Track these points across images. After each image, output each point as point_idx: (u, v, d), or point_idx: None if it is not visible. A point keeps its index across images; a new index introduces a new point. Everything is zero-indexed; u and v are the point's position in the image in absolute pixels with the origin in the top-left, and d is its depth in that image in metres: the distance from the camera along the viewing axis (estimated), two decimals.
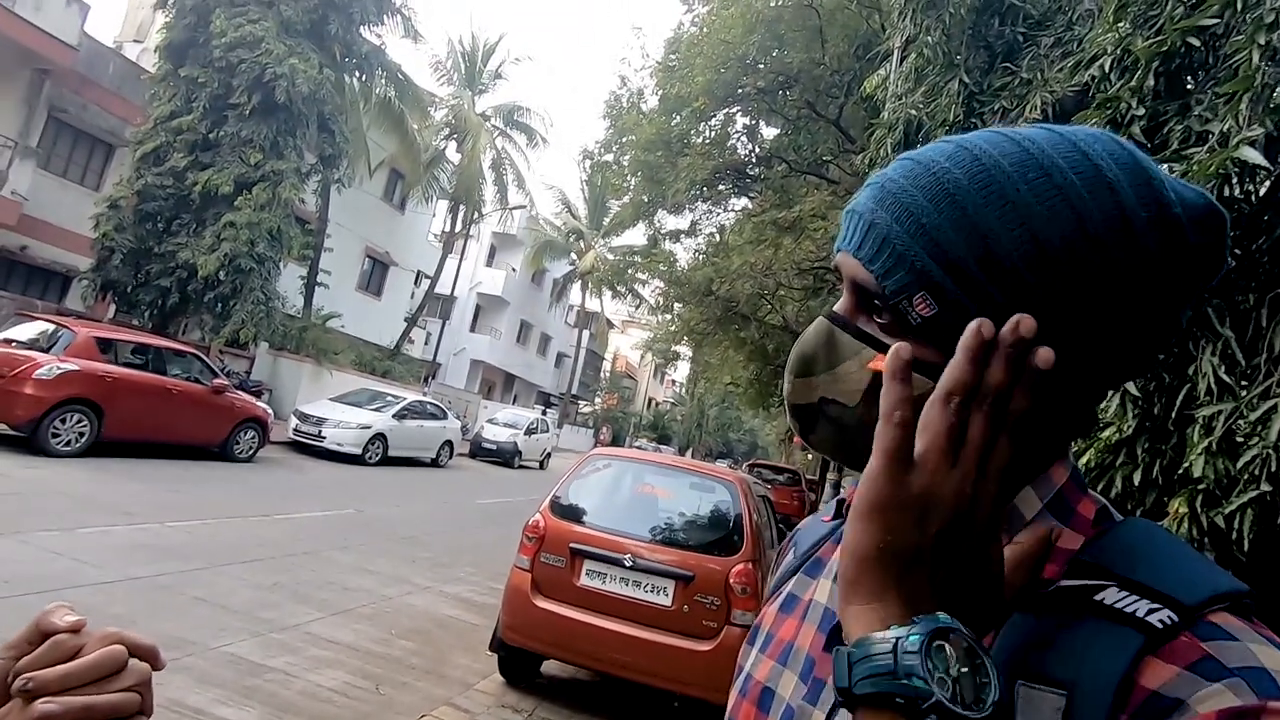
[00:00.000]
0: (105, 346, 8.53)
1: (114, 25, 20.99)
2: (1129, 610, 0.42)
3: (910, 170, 0.49)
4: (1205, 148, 2.50)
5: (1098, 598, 0.44)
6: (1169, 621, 0.41)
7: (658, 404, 57.74)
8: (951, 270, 0.45)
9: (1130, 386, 2.51)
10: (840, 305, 0.54)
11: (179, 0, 13.25)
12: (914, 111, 5.59)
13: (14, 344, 8.00)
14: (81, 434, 7.95)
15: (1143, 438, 2.59)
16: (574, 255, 34.38)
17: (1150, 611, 0.41)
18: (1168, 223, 0.44)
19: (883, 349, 0.47)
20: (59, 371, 7.74)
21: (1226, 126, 2.42)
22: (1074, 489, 0.51)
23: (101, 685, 0.46)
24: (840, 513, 0.64)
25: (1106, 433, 2.62)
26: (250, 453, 10.44)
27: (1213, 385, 2.29)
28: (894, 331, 0.49)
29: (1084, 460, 2.67)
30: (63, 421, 7.76)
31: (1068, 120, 3.60)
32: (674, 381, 62.56)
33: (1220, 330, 2.35)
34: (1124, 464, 2.61)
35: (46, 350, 7.94)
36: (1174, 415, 2.45)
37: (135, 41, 18.95)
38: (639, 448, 26.58)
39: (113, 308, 13.83)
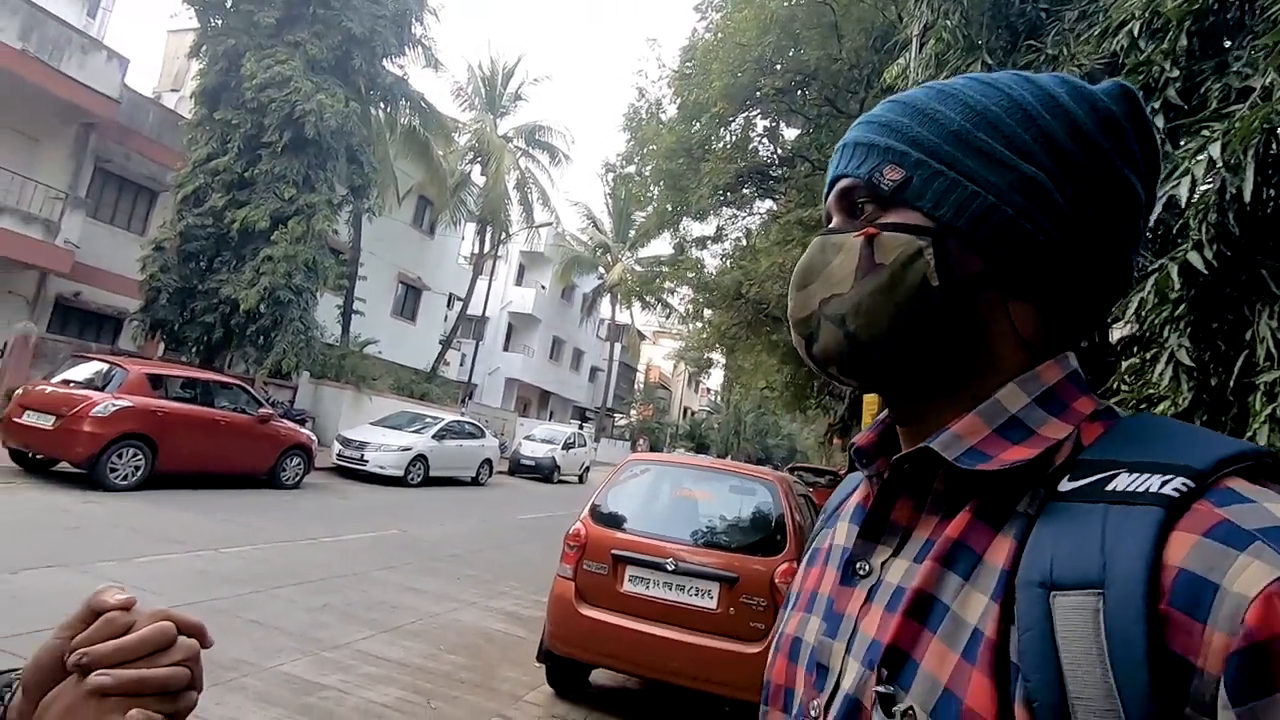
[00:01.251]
0: (156, 382, 8.84)
1: (152, 76, 21.94)
2: (1142, 489, 0.41)
3: (877, 108, 0.59)
4: (1247, 104, 2.40)
5: (1110, 487, 0.43)
6: (1184, 489, 0.40)
7: (693, 413, 57.49)
8: (910, 143, 0.53)
9: (1183, 357, 2.41)
10: (828, 227, 0.59)
11: (211, 47, 13.80)
12: None
13: (71, 384, 8.35)
14: (137, 467, 8.24)
15: (1200, 410, 2.48)
16: (601, 269, 34.59)
17: (1164, 483, 0.41)
18: (1083, 96, 0.53)
19: (862, 227, 0.54)
20: (114, 408, 8.04)
21: (1269, 80, 2.33)
22: (1069, 387, 0.52)
23: (152, 660, 0.47)
24: (853, 465, 0.63)
25: (1161, 406, 2.52)
26: (297, 479, 10.69)
27: (1272, 350, 2.18)
28: (872, 216, 0.54)
29: None
30: (119, 456, 8.05)
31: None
32: (708, 389, 62.27)
33: (1277, 292, 2.24)
34: None
35: (102, 389, 8.26)
36: (1233, 384, 2.34)
37: (172, 90, 19.79)
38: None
39: (162, 345, 14.36)
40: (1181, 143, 2.76)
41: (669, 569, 3.85)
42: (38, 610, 4.04)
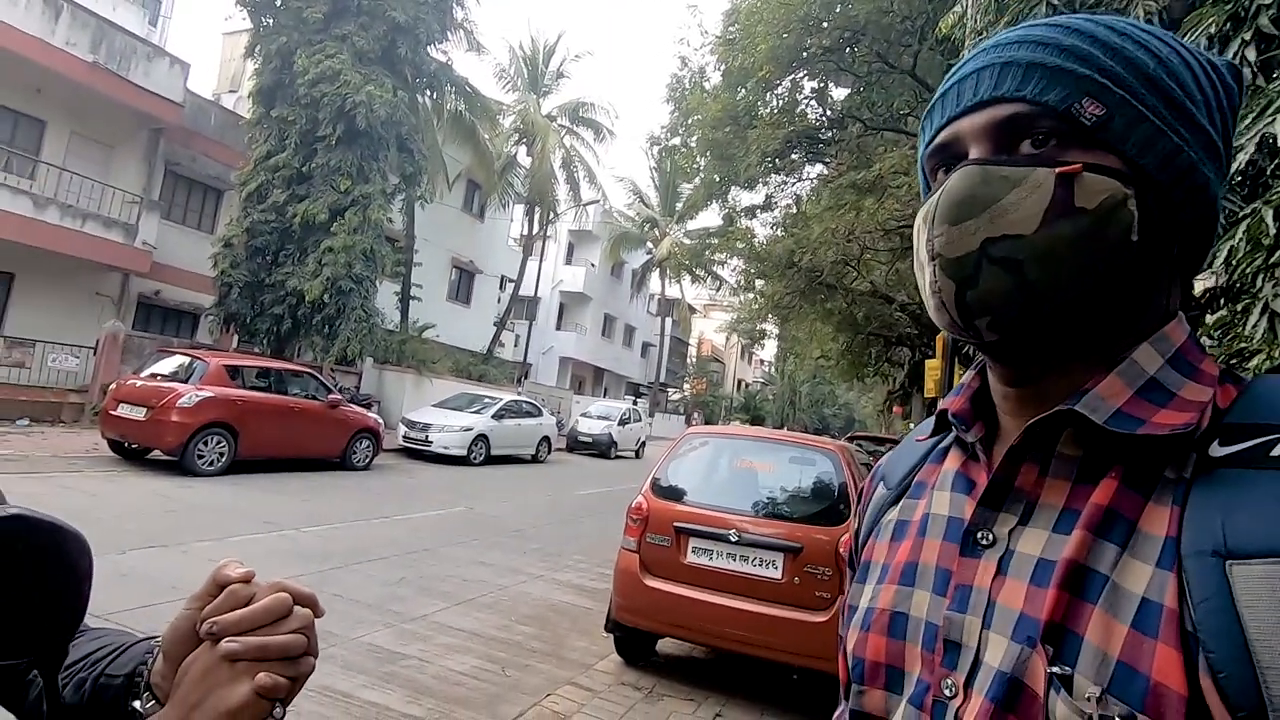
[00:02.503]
0: (234, 373, 9.32)
1: (210, 79, 22.78)
2: None
3: (1025, 27, 0.53)
4: None
5: (1275, 453, 0.41)
6: None
7: (747, 385, 57.08)
8: (1107, 75, 0.48)
9: (1278, 306, 2.25)
10: (975, 156, 0.51)
11: (264, 46, 14.20)
12: None
13: (158, 377, 8.89)
14: (221, 454, 8.74)
15: None
16: (650, 244, 34.44)
17: None
18: (1214, 66, 0.52)
19: (1059, 163, 0.48)
20: (198, 399, 8.54)
21: None
22: (1194, 349, 0.50)
23: (273, 628, 0.52)
24: (941, 426, 0.61)
25: (1255, 361, 2.37)
26: (366, 461, 11.15)
27: None
28: (1053, 153, 0.49)
29: None
30: (205, 444, 8.56)
31: (1178, 26, 3.26)
32: (762, 361, 61.64)
33: None
34: None
35: (185, 381, 8.77)
36: None
37: (231, 92, 20.51)
38: None
39: (236, 338, 15.10)
40: (1275, 75, 2.56)
41: (732, 540, 3.87)
42: (145, 587, 4.37)
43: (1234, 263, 2.51)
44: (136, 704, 0.58)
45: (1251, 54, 2.57)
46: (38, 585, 0.52)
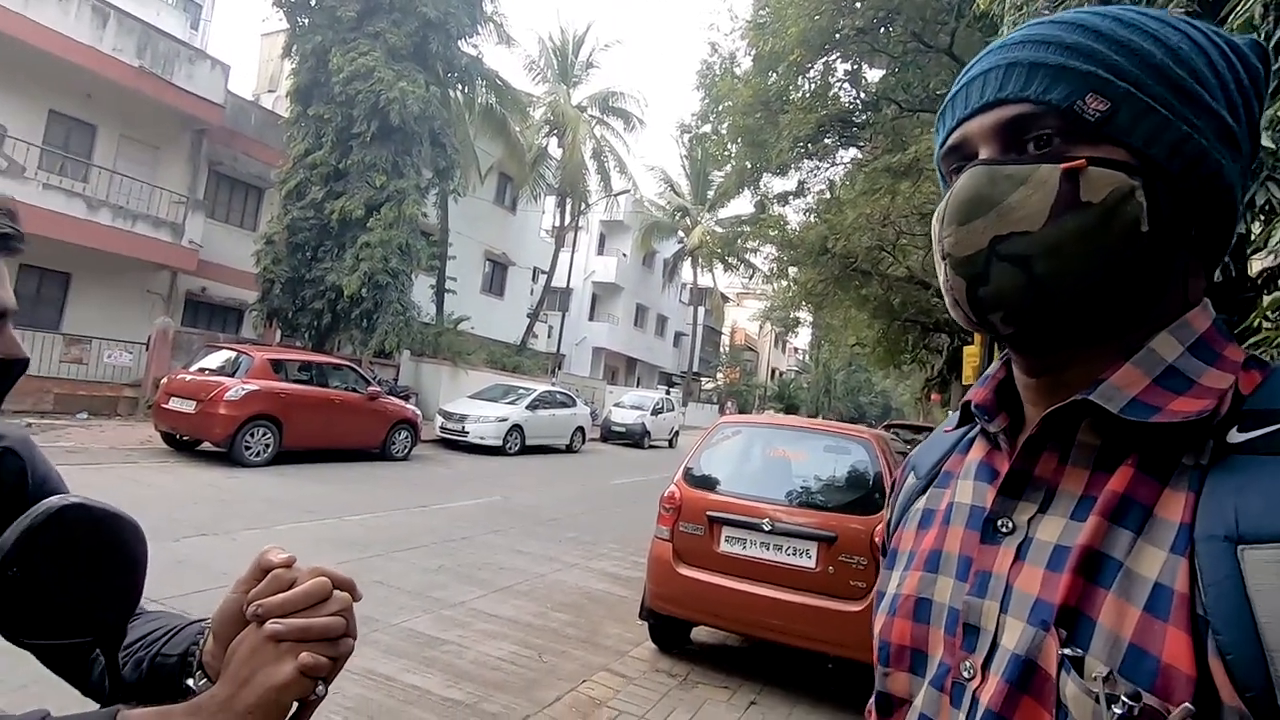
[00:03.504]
0: (277, 367, 9.61)
1: (249, 79, 23.31)
2: None
3: (1029, 26, 0.53)
4: None
5: None
6: None
7: (781, 374, 56.57)
8: (1111, 70, 0.48)
9: None
10: (984, 157, 0.52)
11: (300, 46, 14.48)
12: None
13: (207, 372, 9.21)
14: (267, 445, 9.03)
15: None
16: (681, 233, 34.30)
17: None
18: (1234, 48, 0.51)
19: (1063, 159, 0.48)
20: (244, 392, 8.82)
21: None
22: (1218, 336, 0.50)
23: (314, 610, 0.55)
24: (965, 417, 0.62)
25: None
26: (405, 451, 11.40)
27: None
28: (1059, 150, 0.49)
29: None
30: (252, 435, 8.85)
31: (1224, 4, 3.11)
32: (796, 349, 61.01)
33: None
34: None
35: (232, 375, 9.07)
36: None
37: (269, 91, 21.00)
38: None
39: (279, 332, 15.52)
40: None
41: (766, 529, 3.86)
42: (198, 573, 4.55)
43: None
44: (190, 681, 0.61)
45: None
46: (98, 569, 0.56)
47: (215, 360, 9.54)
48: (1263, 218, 2.79)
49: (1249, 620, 0.38)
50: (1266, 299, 2.89)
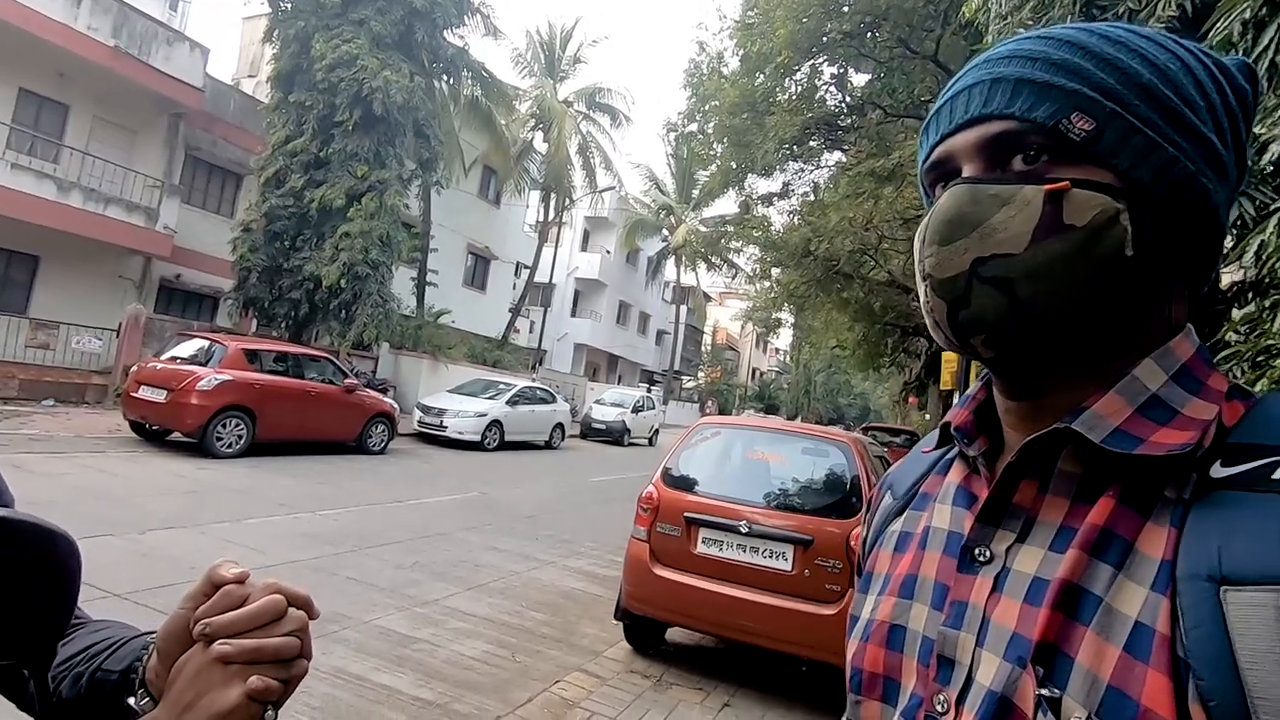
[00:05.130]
0: (252, 357, 9.44)
1: (230, 64, 22.89)
2: None
3: (1016, 41, 0.51)
4: None
5: (1277, 475, 0.40)
6: None
7: (762, 374, 56.89)
8: (1097, 89, 0.47)
9: None
10: (968, 174, 0.51)
11: (283, 31, 14.23)
12: (1023, 30, 5.08)
13: (179, 360, 9.02)
14: (240, 436, 8.87)
15: None
16: (666, 231, 34.29)
17: None
18: (1222, 68, 0.50)
19: (1047, 180, 0.47)
20: (217, 382, 8.65)
21: None
22: (1201, 364, 0.49)
23: (267, 630, 0.52)
24: (945, 438, 0.60)
25: None
26: (382, 445, 11.27)
27: None
28: (1044, 169, 0.48)
29: (1256, 390, 2.37)
30: (224, 426, 8.69)
31: (1210, 12, 3.15)
32: (777, 350, 61.38)
33: None
34: None
35: (205, 364, 8.89)
36: None
37: (250, 76, 20.61)
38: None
39: (255, 322, 15.26)
40: None
41: (742, 531, 3.86)
42: (164, 567, 4.45)
43: (1264, 257, 2.44)
44: (131, 700, 0.58)
45: None
46: (25, 589, 0.52)
47: (188, 349, 9.35)
48: (1234, 231, 2.84)
49: (1231, 665, 0.37)
50: (1237, 313, 2.94)
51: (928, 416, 24.68)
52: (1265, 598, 0.36)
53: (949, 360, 8.19)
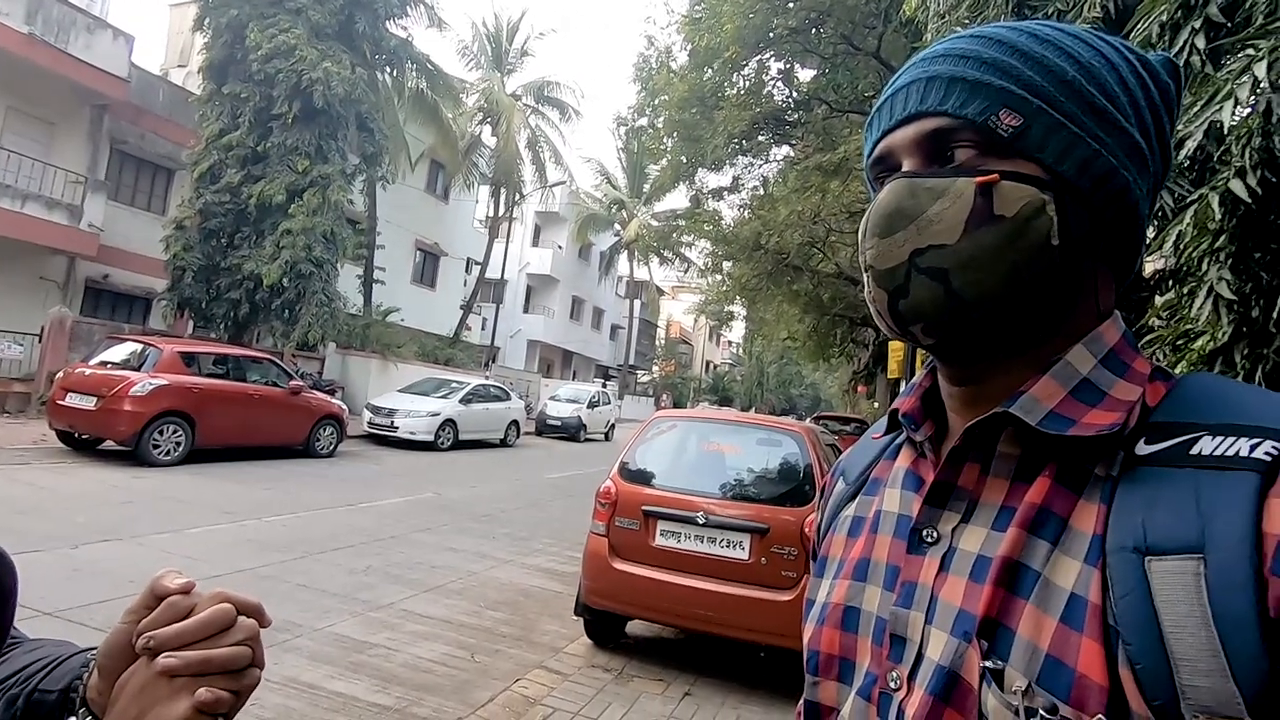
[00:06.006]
0: (189, 360, 9.05)
1: (158, 53, 21.81)
2: (1231, 453, 0.41)
3: (950, 40, 0.54)
4: None
5: (1194, 451, 0.43)
6: (1275, 453, 0.40)
7: (715, 366, 57.48)
8: (1024, 86, 0.49)
9: (1224, 290, 2.33)
10: (907, 169, 0.53)
11: (214, 20, 13.62)
12: (960, 29, 5.25)
13: (109, 365, 8.58)
14: (178, 443, 8.50)
15: (1241, 343, 2.41)
16: (618, 226, 34.26)
17: (1253, 447, 0.41)
18: (1145, 64, 0.53)
19: (978, 173, 0.49)
20: (152, 387, 8.27)
21: None
22: (1127, 348, 0.52)
23: (215, 640, 0.50)
24: (893, 425, 0.62)
25: (1199, 342, 2.46)
26: (331, 448, 10.97)
27: None
28: (976, 163, 0.50)
29: (1176, 371, 2.52)
30: (161, 433, 8.31)
31: (1131, 14, 3.32)
32: (730, 342, 62.09)
33: None
34: (1222, 374, 2.45)
35: (138, 369, 8.48)
36: (1276, 316, 2.27)
37: (179, 67, 19.66)
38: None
39: (191, 323, 14.62)
40: (1224, 63, 2.62)
41: (700, 522, 3.91)
42: (99, 582, 4.24)
43: (1182, 246, 2.59)
44: (73, 719, 0.55)
45: (1201, 42, 2.63)
46: None
47: (119, 353, 8.89)
48: (1156, 222, 3.01)
49: (1156, 630, 0.39)
50: (1159, 299, 3.12)
51: (876, 404, 25.35)
52: (1184, 565, 0.39)
53: (895, 349, 8.43)
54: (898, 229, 0.50)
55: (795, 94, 13.91)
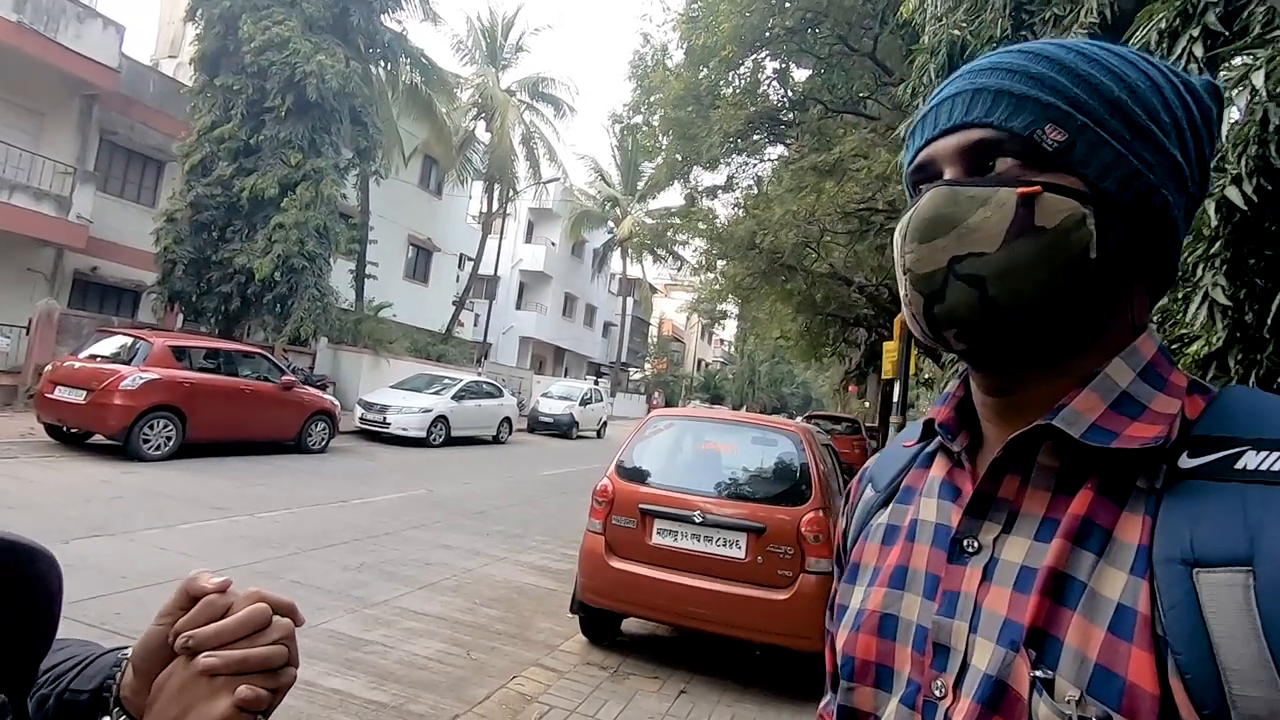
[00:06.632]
0: (180, 354, 8.97)
1: (149, 44, 21.57)
2: (1278, 468, 0.42)
3: (998, 54, 0.55)
4: None
5: (1239, 465, 0.44)
6: None
7: (707, 365, 57.55)
8: (1071, 103, 0.50)
9: (1219, 295, 2.36)
10: (949, 177, 0.54)
11: (206, 11, 13.49)
12: (956, 32, 5.28)
13: (98, 359, 8.50)
14: (169, 438, 8.44)
15: (1235, 349, 2.44)
16: (611, 223, 34.22)
17: None
18: (1189, 87, 0.53)
19: (1021, 184, 0.50)
20: (142, 381, 8.20)
21: None
22: (1163, 361, 0.53)
23: (252, 640, 0.50)
24: (927, 433, 0.63)
25: (1194, 347, 2.48)
26: (323, 444, 10.91)
27: None
28: (1018, 174, 0.51)
29: None
30: (151, 427, 8.25)
31: (1129, 21, 3.35)
32: (722, 341, 62.17)
33: None
34: (1216, 378, 2.48)
35: (128, 362, 8.41)
36: (1270, 322, 2.30)
37: (170, 57, 19.46)
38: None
39: (181, 317, 14.49)
40: (1221, 71, 2.65)
41: (696, 521, 3.92)
42: (91, 578, 4.21)
43: None
44: (107, 719, 0.55)
45: (1199, 50, 2.66)
46: (9, 611, 0.49)
47: (109, 346, 8.81)
48: None
49: (1205, 640, 0.40)
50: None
51: (867, 404, 25.46)
52: (1233, 578, 0.40)
53: (890, 350, 8.47)
54: (938, 235, 0.51)
55: (791, 94, 13.93)
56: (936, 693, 0.51)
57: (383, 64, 16.58)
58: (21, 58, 12.38)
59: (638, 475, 4.27)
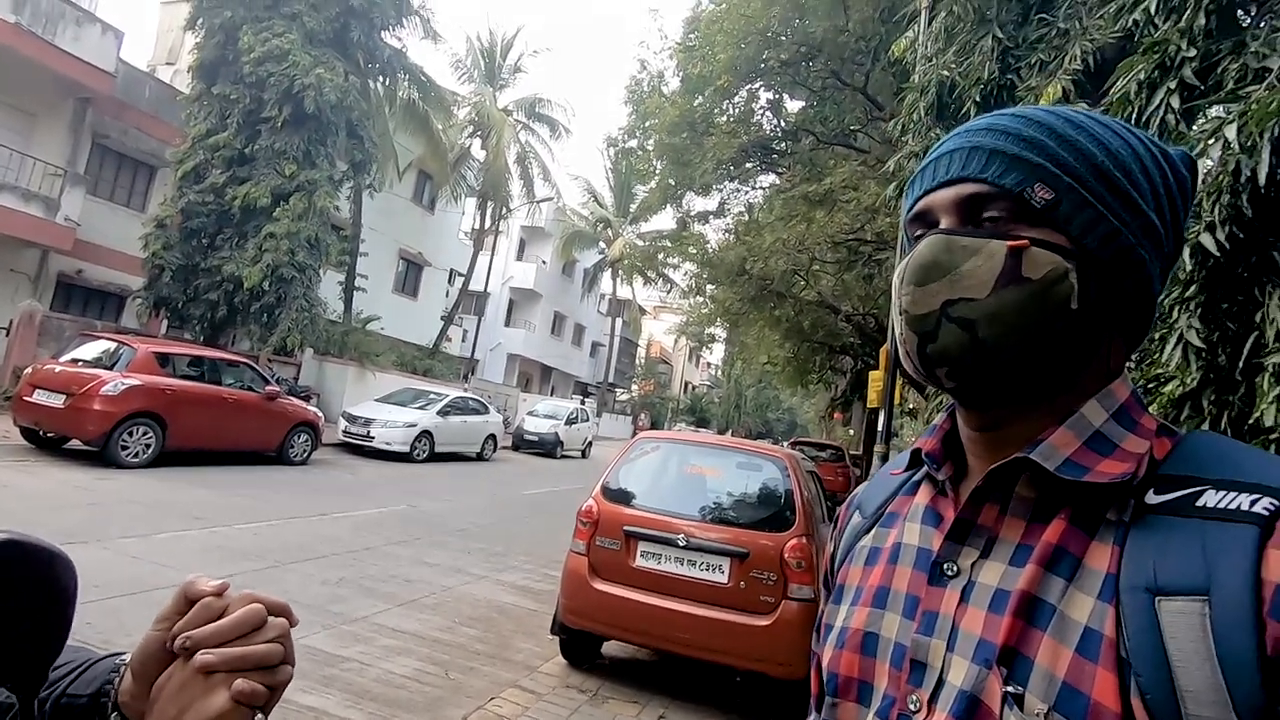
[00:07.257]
0: (163, 361, 8.89)
1: (146, 50, 21.60)
2: (1234, 506, 0.46)
3: (993, 116, 0.60)
4: (1264, 85, 2.40)
5: (1199, 503, 0.48)
6: (1272, 508, 0.45)
7: (694, 387, 57.64)
8: (1058, 165, 0.55)
9: (1193, 338, 2.44)
10: (944, 226, 0.58)
11: (207, 20, 13.58)
12: (946, 73, 5.45)
13: (80, 363, 8.40)
14: (148, 445, 8.32)
15: (1209, 390, 2.52)
16: (603, 244, 34.41)
17: (1253, 502, 0.45)
18: (1166, 156, 0.58)
19: (1010, 237, 0.54)
20: (124, 387, 8.10)
21: None
22: (1135, 405, 0.57)
23: (248, 639, 0.51)
24: (914, 462, 0.67)
25: (1169, 387, 2.56)
26: (305, 455, 10.80)
27: None
28: (1008, 228, 0.56)
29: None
30: (130, 434, 8.13)
31: (1111, 70, 3.48)
32: (709, 364, 62.36)
33: None
34: (1189, 418, 2.55)
35: (110, 368, 8.31)
36: (1241, 365, 2.38)
37: (168, 64, 19.50)
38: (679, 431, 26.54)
39: (165, 323, 14.37)
40: (1196, 123, 2.76)
41: (680, 544, 3.92)
42: None
43: None
44: None
45: (1175, 101, 2.78)
46: (26, 611, 0.51)
47: (91, 350, 8.71)
48: None
49: (1165, 663, 0.44)
50: None
51: (852, 432, 25.57)
52: (1191, 606, 0.44)
53: (875, 379, 8.57)
54: (933, 280, 0.56)
55: (784, 124, 14.20)
56: (912, 706, 0.54)
57: (381, 79, 16.72)
58: (17, 59, 12.36)
59: (623, 497, 4.28)
